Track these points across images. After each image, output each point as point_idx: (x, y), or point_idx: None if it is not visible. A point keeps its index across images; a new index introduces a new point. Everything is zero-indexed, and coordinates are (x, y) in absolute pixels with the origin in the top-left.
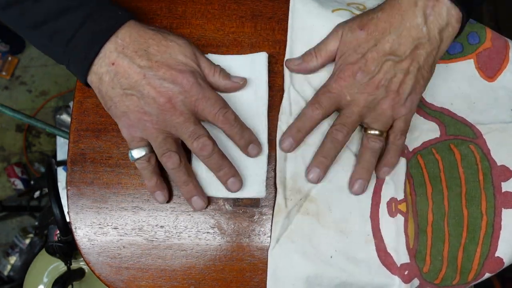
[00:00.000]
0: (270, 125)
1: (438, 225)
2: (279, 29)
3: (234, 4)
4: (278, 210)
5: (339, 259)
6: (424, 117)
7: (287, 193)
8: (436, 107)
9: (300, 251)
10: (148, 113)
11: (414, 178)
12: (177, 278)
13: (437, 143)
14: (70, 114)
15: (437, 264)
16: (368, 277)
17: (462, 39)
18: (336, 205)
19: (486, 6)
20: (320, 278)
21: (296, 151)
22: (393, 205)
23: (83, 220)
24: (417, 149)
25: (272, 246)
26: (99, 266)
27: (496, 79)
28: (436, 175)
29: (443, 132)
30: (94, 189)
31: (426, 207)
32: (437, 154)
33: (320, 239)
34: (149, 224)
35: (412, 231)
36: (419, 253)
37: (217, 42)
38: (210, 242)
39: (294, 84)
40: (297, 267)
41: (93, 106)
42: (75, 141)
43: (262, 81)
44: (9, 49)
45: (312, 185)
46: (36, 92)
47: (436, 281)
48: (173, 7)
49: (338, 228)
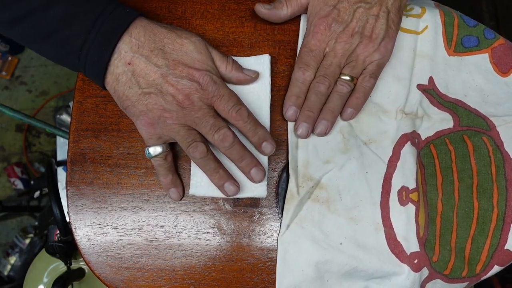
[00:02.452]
0: (270, 125)
1: (447, 215)
2: (279, 29)
3: (234, 4)
4: (290, 197)
5: (348, 246)
6: (437, 108)
7: (299, 181)
8: (450, 98)
9: (310, 237)
10: (168, 110)
11: (426, 168)
12: (177, 278)
13: (451, 133)
14: (70, 114)
15: (446, 254)
16: (377, 264)
17: (478, 33)
18: (347, 192)
19: (486, 6)
20: (330, 264)
21: (307, 139)
22: (404, 193)
23: (83, 220)
24: (430, 138)
25: (282, 232)
26: (99, 266)
27: (509, 74)
28: (448, 166)
29: (456, 123)
30: (94, 189)
31: (435, 197)
32: (450, 145)
33: (330, 226)
34: (149, 224)
35: (423, 220)
36: (428, 242)
37: (217, 42)
38: (210, 242)
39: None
40: (307, 253)
41: (93, 106)
42: (75, 141)
43: (265, 83)
44: (9, 49)
45: (324, 172)
46: (36, 92)
47: (446, 272)
48: (173, 7)
49: (348, 215)
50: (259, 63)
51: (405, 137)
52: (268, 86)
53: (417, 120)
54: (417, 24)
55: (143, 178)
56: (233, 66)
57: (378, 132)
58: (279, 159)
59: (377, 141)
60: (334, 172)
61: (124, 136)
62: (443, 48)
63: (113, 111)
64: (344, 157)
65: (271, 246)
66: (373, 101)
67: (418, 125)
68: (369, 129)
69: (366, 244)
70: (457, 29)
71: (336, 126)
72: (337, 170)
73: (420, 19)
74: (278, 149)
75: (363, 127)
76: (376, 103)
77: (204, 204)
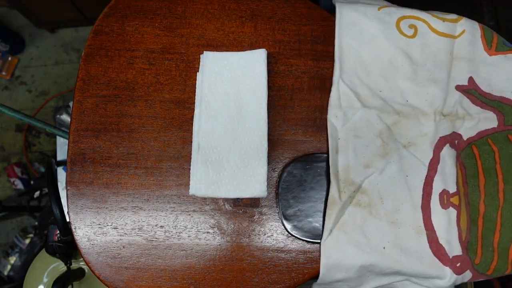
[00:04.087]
0: (270, 125)
1: (490, 216)
2: (279, 29)
3: (234, 4)
4: (332, 202)
5: (392, 250)
6: (480, 107)
7: (341, 186)
8: (494, 97)
9: (353, 242)
10: None
11: (467, 169)
12: (177, 278)
13: (494, 133)
14: (70, 114)
15: (488, 255)
16: (420, 267)
17: None
18: (388, 196)
19: (486, 6)
20: (373, 267)
21: (347, 144)
22: (445, 197)
23: (83, 220)
24: (472, 139)
25: (324, 237)
26: (99, 266)
27: None
28: (491, 167)
29: (501, 122)
30: (94, 189)
31: (477, 199)
32: (493, 145)
33: (372, 230)
34: (149, 224)
35: (465, 223)
36: (470, 244)
37: (217, 42)
38: (210, 242)
39: (343, 78)
40: (350, 258)
41: (93, 106)
42: (75, 141)
43: (262, 77)
44: (9, 49)
45: (364, 177)
46: (36, 92)
47: (488, 272)
48: (173, 7)
49: (390, 219)
50: (255, 58)
51: (444, 140)
52: (265, 82)
53: (458, 121)
54: (453, 28)
55: (143, 178)
56: None
57: (417, 134)
58: (279, 159)
59: (417, 144)
60: (374, 176)
61: (124, 136)
62: (482, 49)
63: (113, 111)
64: (384, 161)
65: (271, 246)
66: (411, 104)
67: (459, 125)
68: (408, 132)
69: (408, 247)
70: (496, 36)
71: (374, 130)
72: (377, 174)
73: (457, 23)
74: (279, 149)
75: (401, 131)
76: (414, 106)
77: (204, 204)
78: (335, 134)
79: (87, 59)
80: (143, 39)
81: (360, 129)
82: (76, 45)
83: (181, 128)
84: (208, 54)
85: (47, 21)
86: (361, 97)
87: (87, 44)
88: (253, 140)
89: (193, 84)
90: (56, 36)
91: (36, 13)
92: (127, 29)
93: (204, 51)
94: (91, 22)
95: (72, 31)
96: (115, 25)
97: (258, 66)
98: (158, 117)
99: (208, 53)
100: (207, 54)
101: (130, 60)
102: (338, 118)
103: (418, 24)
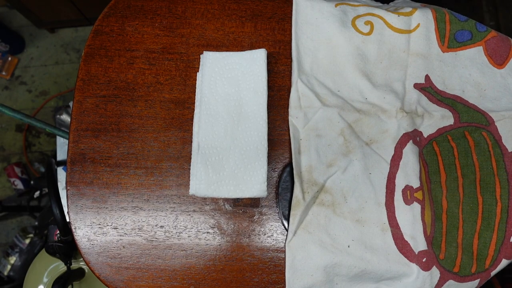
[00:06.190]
0: (270, 125)
1: (452, 212)
2: (279, 29)
3: (234, 4)
4: (296, 203)
5: (356, 248)
6: (437, 104)
7: (304, 186)
8: (448, 95)
9: (317, 242)
10: None
11: (429, 166)
12: (177, 278)
13: (452, 130)
14: (70, 114)
15: (452, 251)
16: (386, 264)
17: (471, 27)
18: (351, 194)
19: (486, 6)
20: (338, 267)
21: (309, 144)
22: (408, 193)
23: (83, 220)
24: (433, 135)
25: (289, 238)
26: (99, 266)
27: (505, 65)
28: (451, 163)
29: (457, 119)
30: (94, 189)
31: (440, 195)
32: (452, 141)
33: (336, 229)
34: (149, 224)
35: (429, 218)
36: (435, 239)
37: (217, 42)
38: (210, 242)
39: (301, 78)
40: (315, 258)
41: (93, 106)
42: (75, 141)
43: (262, 77)
44: (9, 49)
45: (327, 176)
46: (36, 92)
47: (455, 269)
48: (173, 7)
49: (354, 217)
50: (255, 58)
51: (407, 136)
52: (265, 82)
53: (418, 119)
54: (408, 22)
55: (143, 178)
56: None
57: (378, 131)
58: (279, 159)
59: (379, 141)
60: (337, 175)
61: (124, 136)
62: (436, 45)
63: (113, 111)
64: (346, 160)
65: (271, 246)
66: (370, 102)
67: (419, 123)
68: (369, 130)
69: (373, 245)
70: (449, 25)
71: (336, 129)
72: (340, 173)
73: (411, 17)
74: (279, 149)
75: (363, 128)
76: (374, 104)
77: (204, 204)
78: (297, 134)
79: (87, 59)
80: (143, 39)
81: (322, 129)
82: (76, 45)
83: (181, 128)
84: (208, 54)
85: (47, 21)
86: (321, 97)
87: (87, 44)
88: (253, 140)
89: (193, 84)
90: (56, 36)
91: (36, 13)
92: (127, 29)
93: (204, 51)
94: (91, 22)
95: (72, 31)
96: (115, 25)
97: (258, 66)
98: (158, 117)
99: (208, 53)
100: (207, 54)
101: (130, 60)
102: (299, 119)
103: (374, 21)
